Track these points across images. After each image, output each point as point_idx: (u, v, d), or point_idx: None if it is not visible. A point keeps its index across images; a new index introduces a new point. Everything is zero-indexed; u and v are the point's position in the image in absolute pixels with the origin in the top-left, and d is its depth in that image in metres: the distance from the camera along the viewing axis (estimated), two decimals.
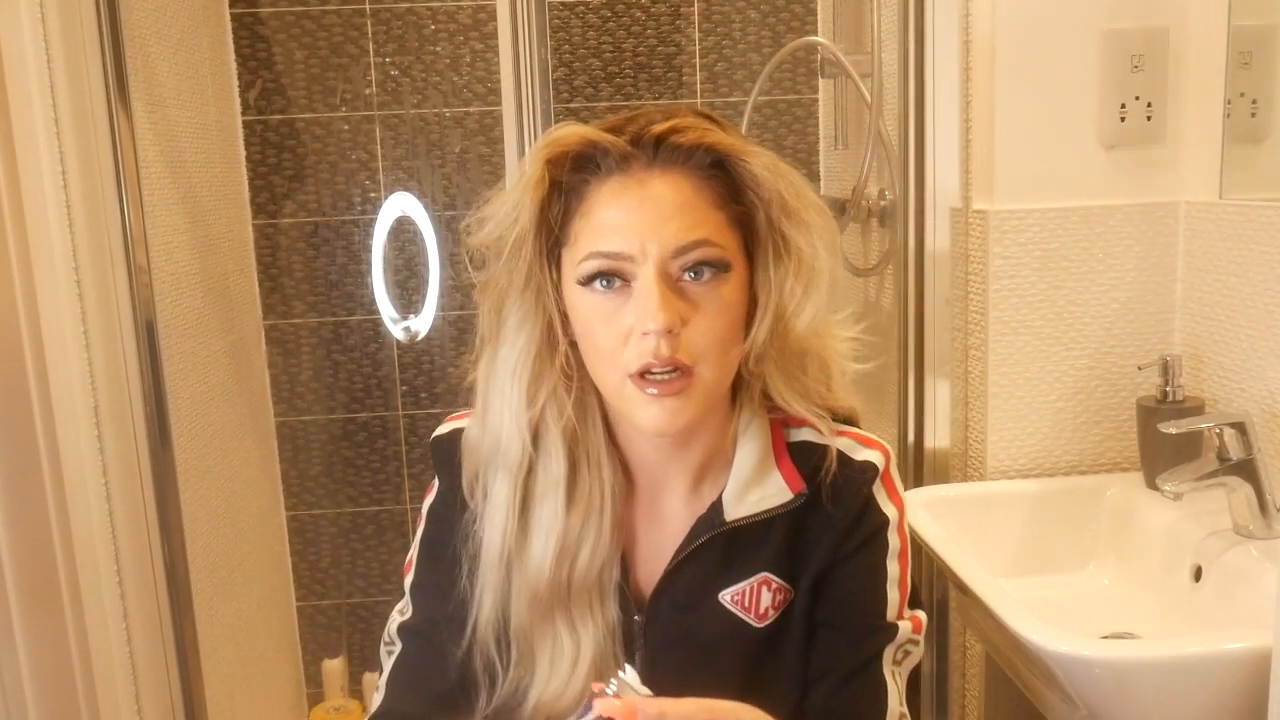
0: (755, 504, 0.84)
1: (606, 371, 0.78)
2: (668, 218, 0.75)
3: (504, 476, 0.83)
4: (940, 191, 1.43)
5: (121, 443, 1.48)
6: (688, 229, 0.76)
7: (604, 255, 0.76)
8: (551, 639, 0.84)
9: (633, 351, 0.76)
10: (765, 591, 0.85)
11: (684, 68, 2.21)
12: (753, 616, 0.85)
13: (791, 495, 0.84)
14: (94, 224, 1.44)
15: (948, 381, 1.47)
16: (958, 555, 1.15)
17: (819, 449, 0.85)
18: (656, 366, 0.75)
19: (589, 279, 0.77)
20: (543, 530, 0.83)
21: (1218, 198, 1.30)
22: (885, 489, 0.86)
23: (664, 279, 0.75)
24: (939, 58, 1.40)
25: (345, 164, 2.20)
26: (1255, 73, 1.26)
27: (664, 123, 0.77)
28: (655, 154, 0.77)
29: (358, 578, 2.34)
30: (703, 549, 0.84)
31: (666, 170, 0.77)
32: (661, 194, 0.76)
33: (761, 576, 0.85)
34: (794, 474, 0.85)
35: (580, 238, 0.78)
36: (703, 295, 0.77)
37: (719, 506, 0.84)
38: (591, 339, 0.78)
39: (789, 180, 0.79)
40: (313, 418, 2.29)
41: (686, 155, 0.77)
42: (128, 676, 1.48)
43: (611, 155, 0.77)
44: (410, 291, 2.22)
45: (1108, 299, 1.38)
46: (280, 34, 2.15)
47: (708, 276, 0.77)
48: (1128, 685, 0.95)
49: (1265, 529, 1.13)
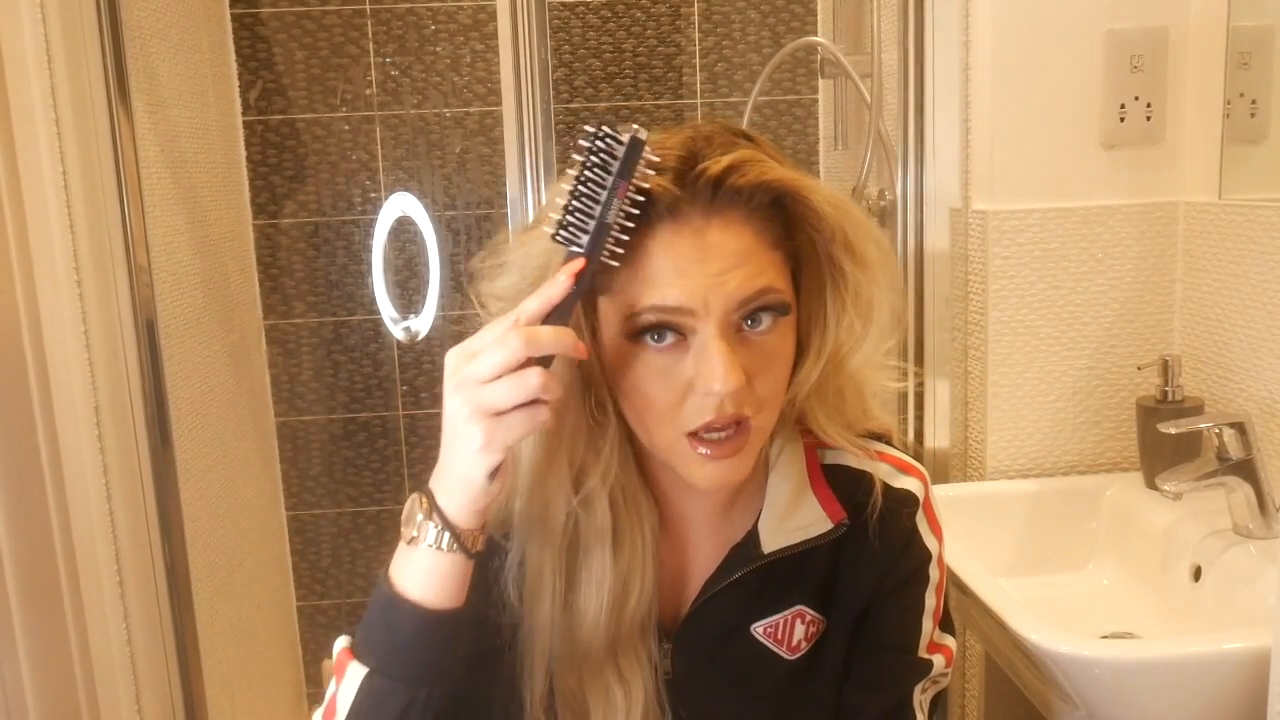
0: (793, 534, 0.80)
1: (659, 429, 0.73)
2: (730, 269, 0.69)
3: (549, 552, 0.77)
4: (940, 191, 1.43)
5: (122, 442, 1.48)
6: (751, 278, 0.69)
7: (662, 310, 0.69)
8: (604, 694, 0.79)
9: (692, 410, 0.71)
10: (799, 624, 0.82)
11: (684, 68, 2.21)
12: (785, 649, 0.82)
13: (832, 525, 0.80)
14: (94, 224, 1.44)
15: (948, 381, 1.47)
16: (958, 555, 1.15)
17: (858, 475, 0.82)
18: (716, 425, 0.71)
19: (640, 331, 0.70)
20: (593, 585, 0.77)
21: (1217, 198, 1.30)
22: (927, 520, 0.83)
23: (726, 334, 0.69)
24: (939, 58, 1.40)
25: (345, 164, 2.20)
26: (1254, 73, 1.26)
27: (720, 160, 0.69)
28: (713, 198, 0.69)
29: (358, 578, 2.34)
30: (737, 581, 0.80)
31: (724, 214, 0.69)
32: (721, 243, 0.69)
33: (796, 610, 0.82)
34: (832, 501, 0.80)
35: (628, 289, 0.70)
36: (762, 345, 0.72)
37: (755, 537, 0.80)
38: (643, 396, 0.72)
39: (851, 215, 0.73)
40: (313, 418, 2.29)
41: (747, 197, 0.70)
42: (128, 676, 1.48)
43: (662, 202, 0.69)
44: (410, 291, 2.22)
45: (1107, 299, 1.38)
46: (280, 34, 2.15)
47: (766, 324, 0.71)
48: (1127, 685, 0.95)
49: (1265, 529, 1.13)
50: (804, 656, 0.82)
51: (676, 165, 0.69)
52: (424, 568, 0.70)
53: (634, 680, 0.79)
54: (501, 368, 0.65)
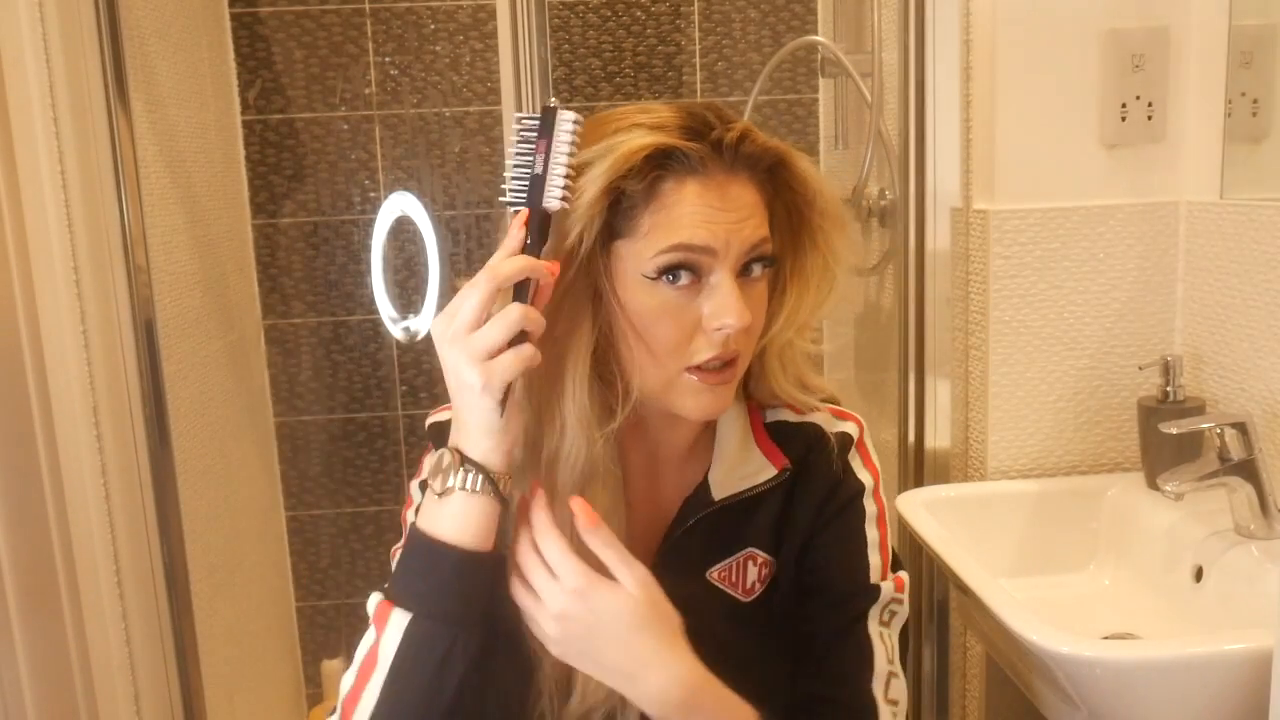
0: (740, 482, 0.88)
1: (661, 364, 0.80)
2: (745, 218, 0.80)
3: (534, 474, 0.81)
4: (940, 191, 1.43)
5: (120, 443, 1.48)
6: (757, 228, 0.80)
7: (688, 248, 0.78)
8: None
9: (701, 344, 0.80)
10: (750, 566, 0.88)
11: (684, 67, 2.21)
12: (739, 591, 0.88)
13: (775, 471, 0.88)
14: (93, 224, 1.43)
15: (948, 381, 1.47)
16: (958, 555, 1.15)
17: (797, 427, 0.90)
18: (719, 359, 0.80)
19: (662, 272, 0.78)
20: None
21: (1218, 197, 1.30)
22: (860, 456, 0.91)
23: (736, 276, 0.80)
24: (939, 57, 1.40)
25: (345, 164, 2.20)
26: (1256, 72, 1.26)
27: (736, 127, 0.80)
28: (735, 158, 0.80)
29: (357, 578, 2.34)
30: (692, 529, 0.87)
31: (741, 173, 0.81)
32: (739, 195, 0.80)
33: (746, 552, 0.88)
34: (775, 451, 0.89)
35: (655, 231, 0.78)
36: (752, 291, 0.81)
37: (705, 487, 0.88)
38: (652, 333, 0.80)
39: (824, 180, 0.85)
40: (312, 418, 2.29)
41: (755, 161, 0.81)
42: (127, 677, 1.48)
43: (693, 158, 0.79)
44: (410, 291, 2.22)
45: (1108, 299, 1.38)
46: (280, 33, 2.14)
47: (758, 273, 0.82)
48: (1128, 686, 0.95)
49: (1266, 529, 1.13)
50: (759, 599, 0.88)
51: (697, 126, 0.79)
52: (458, 512, 0.76)
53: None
54: (479, 308, 0.74)
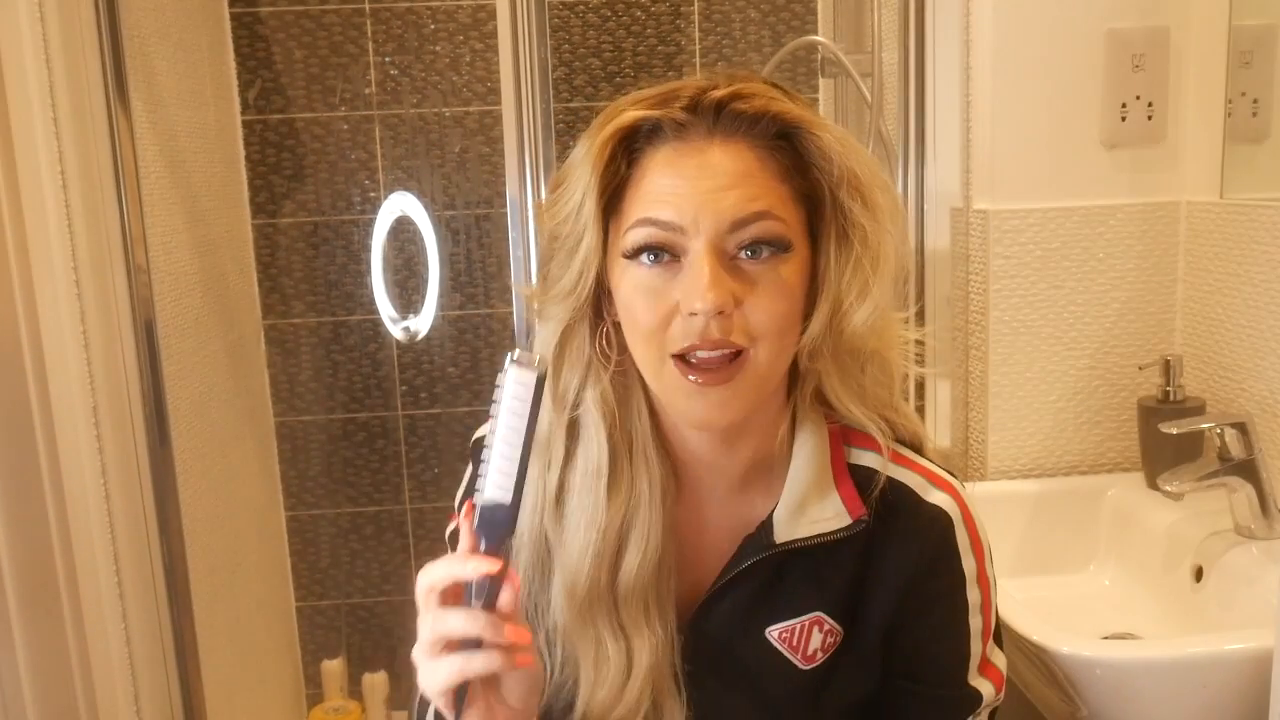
0: (809, 526, 0.76)
1: (646, 351, 0.73)
2: (726, 187, 0.69)
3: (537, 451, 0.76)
4: (941, 191, 1.43)
5: (120, 443, 1.48)
6: (748, 200, 0.70)
7: (651, 223, 0.70)
8: (595, 645, 0.77)
9: (677, 331, 0.70)
10: (816, 632, 0.78)
11: (684, 67, 2.21)
12: (799, 657, 0.79)
13: (850, 520, 0.76)
14: (93, 224, 1.43)
15: (948, 381, 1.47)
16: None
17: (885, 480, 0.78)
18: (702, 350, 0.70)
19: (635, 251, 0.71)
20: (581, 523, 0.76)
21: (1219, 197, 1.30)
22: (968, 535, 0.79)
23: (717, 255, 0.69)
24: (939, 58, 1.40)
25: (345, 164, 2.20)
26: (1256, 72, 1.26)
27: (726, 87, 0.71)
28: (716, 121, 0.71)
29: (357, 578, 2.34)
30: (749, 572, 0.77)
31: (728, 139, 0.71)
32: (720, 163, 0.70)
33: (814, 616, 0.78)
34: (854, 498, 0.77)
35: (629, 208, 0.72)
36: (759, 274, 0.71)
37: (769, 526, 0.77)
38: (633, 316, 0.72)
39: (860, 158, 0.72)
40: (312, 418, 2.29)
41: (750, 124, 0.71)
42: (127, 677, 1.48)
43: (664, 125, 0.71)
44: (410, 291, 2.22)
45: (1108, 299, 1.38)
46: (280, 33, 2.14)
47: (766, 255, 0.70)
48: (1129, 686, 0.95)
49: (1266, 529, 1.13)
50: (819, 668, 0.79)
51: (691, 94, 0.72)
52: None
53: (637, 640, 0.76)
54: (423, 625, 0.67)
